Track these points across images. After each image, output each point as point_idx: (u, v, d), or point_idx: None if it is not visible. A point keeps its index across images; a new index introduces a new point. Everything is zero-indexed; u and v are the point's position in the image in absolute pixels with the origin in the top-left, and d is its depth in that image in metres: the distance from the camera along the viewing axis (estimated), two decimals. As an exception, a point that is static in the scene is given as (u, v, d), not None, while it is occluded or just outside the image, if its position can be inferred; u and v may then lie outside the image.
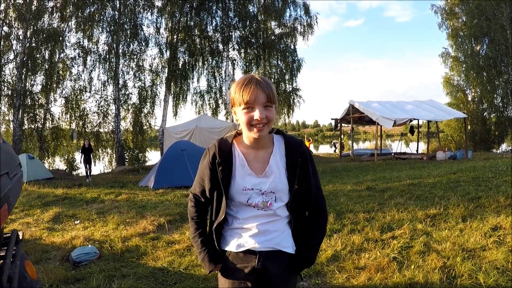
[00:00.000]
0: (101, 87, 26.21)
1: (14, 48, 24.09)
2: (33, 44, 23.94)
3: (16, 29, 24.00)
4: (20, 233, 2.39)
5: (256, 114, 1.79)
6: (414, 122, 25.42)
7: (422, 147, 29.49)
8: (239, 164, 1.94)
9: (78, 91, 26.03)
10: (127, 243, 6.02)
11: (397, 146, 30.23)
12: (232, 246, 1.97)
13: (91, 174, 18.16)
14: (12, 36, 23.93)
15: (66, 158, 26.36)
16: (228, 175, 1.92)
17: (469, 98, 34.30)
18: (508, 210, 6.47)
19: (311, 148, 35.71)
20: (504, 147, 33.70)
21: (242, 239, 1.95)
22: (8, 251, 1.99)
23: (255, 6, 27.23)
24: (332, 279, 4.37)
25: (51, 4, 24.59)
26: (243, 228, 1.95)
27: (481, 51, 32.72)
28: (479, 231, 5.49)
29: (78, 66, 25.94)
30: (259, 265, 1.92)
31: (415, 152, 25.87)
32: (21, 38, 23.59)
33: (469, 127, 32.19)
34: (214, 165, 1.94)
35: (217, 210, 2.00)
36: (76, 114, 26.14)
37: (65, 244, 6.15)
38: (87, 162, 17.77)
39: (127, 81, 26.53)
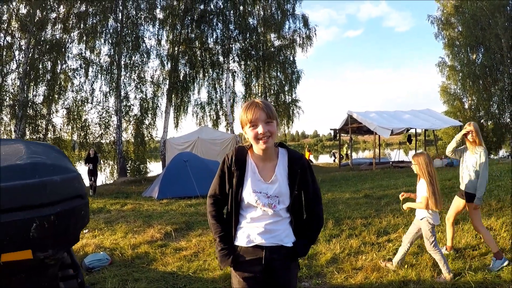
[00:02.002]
0: (103, 99, 26.34)
1: (16, 58, 24.15)
2: (36, 56, 24.09)
3: (18, 39, 24.14)
4: None
5: (260, 129, 2.18)
6: (412, 131, 25.76)
7: (421, 155, 29.71)
8: (251, 171, 2.33)
9: (80, 102, 26.08)
10: (137, 250, 6.31)
11: (395, 155, 30.49)
12: (242, 241, 2.35)
13: (96, 187, 16.73)
14: (14, 46, 24.07)
15: (68, 169, 26.40)
16: (242, 178, 2.32)
17: (466, 106, 34.61)
18: (499, 213, 6.81)
19: (311, 158, 35.90)
20: (501, 153, 34.03)
21: (252, 236, 2.33)
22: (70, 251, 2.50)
23: (255, 18, 27.49)
24: (332, 279, 4.69)
25: (54, 15, 24.82)
26: (252, 227, 2.34)
27: (477, 60, 33.07)
28: (470, 233, 5.82)
29: (80, 77, 26.10)
30: (266, 257, 2.31)
31: (413, 160, 26.11)
32: (23, 48, 23.74)
33: (466, 134, 32.46)
34: (231, 169, 2.33)
35: (230, 209, 2.38)
36: (77, 125, 26.11)
37: (76, 251, 6.40)
38: (92, 174, 16.40)
39: (128, 93, 26.67)
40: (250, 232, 2.34)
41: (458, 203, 5.27)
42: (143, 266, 5.56)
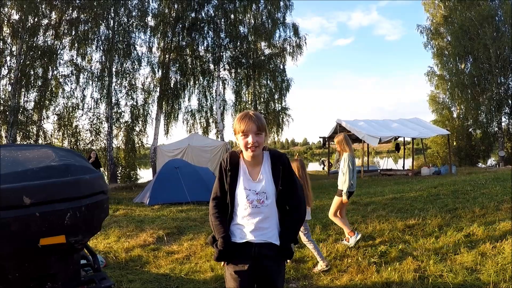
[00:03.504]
0: (94, 105, 26.27)
1: (8, 64, 23.96)
2: (27, 61, 23.96)
3: (10, 45, 23.93)
4: None
5: (250, 140, 2.49)
6: (401, 140, 26.09)
7: (410, 163, 30.14)
8: (243, 172, 2.65)
9: (70, 109, 26.02)
10: (130, 253, 6.47)
11: (383, 163, 30.79)
12: (235, 237, 2.62)
13: None
14: (6, 52, 23.81)
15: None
16: (235, 178, 2.64)
17: (454, 115, 35.12)
18: (482, 219, 7.05)
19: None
20: (490, 161, 34.50)
21: (244, 233, 2.60)
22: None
23: (245, 27, 27.75)
24: (318, 281, 4.90)
25: (46, 21, 24.70)
26: (244, 224, 2.61)
27: (465, 70, 33.58)
28: (453, 238, 6.04)
29: (71, 84, 26.00)
30: (255, 253, 2.58)
31: (401, 168, 26.49)
32: (15, 54, 23.51)
33: (454, 143, 32.98)
34: (226, 171, 2.64)
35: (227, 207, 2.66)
36: (68, 132, 25.96)
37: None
38: None
39: (119, 100, 26.72)
40: (242, 229, 2.61)
41: (335, 199, 6.39)
42: (136, 268, 5.72)
